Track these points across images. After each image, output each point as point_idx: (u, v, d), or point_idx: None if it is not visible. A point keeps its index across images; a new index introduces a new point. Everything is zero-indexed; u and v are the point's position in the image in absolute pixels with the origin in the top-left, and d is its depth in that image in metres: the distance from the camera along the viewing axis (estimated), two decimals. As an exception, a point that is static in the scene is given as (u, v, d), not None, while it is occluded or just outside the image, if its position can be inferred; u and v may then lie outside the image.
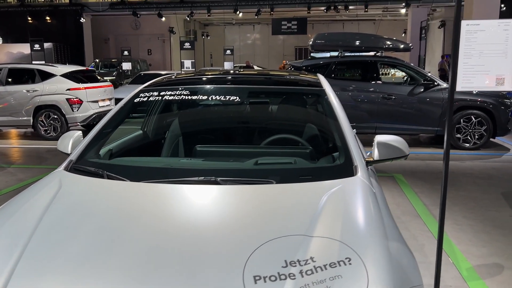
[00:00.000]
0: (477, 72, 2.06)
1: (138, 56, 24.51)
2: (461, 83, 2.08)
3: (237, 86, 2.79)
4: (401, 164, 6.45)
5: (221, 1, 21.26)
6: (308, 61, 8.21)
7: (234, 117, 2.97)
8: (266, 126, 2.86)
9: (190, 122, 2.98)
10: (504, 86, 2.06)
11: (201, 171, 2.05)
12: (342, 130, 2.35)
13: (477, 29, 2.01)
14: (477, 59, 2.05)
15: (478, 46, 2.05)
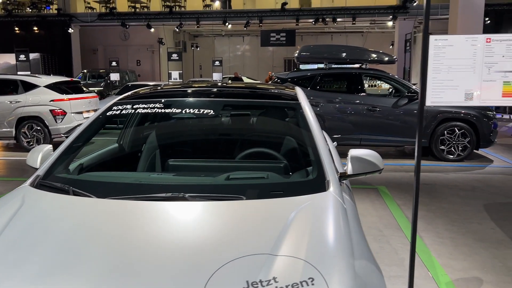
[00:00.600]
0: (446, 87, 2.05)
1: (127, 67, 24.46)
2: (430, 98, 2.07)
3: (212, 99, 2.76)
4: (386, 176, 6.46)
5: (210, 13, 21.36)
6: (294, 73, 8.24)
7: (209, 130, 2.93)
8: (241, 140, 2.83)
9: (164, 135, 2.93)
10: (473, 101, 2.06)
11: (170, 187, 2.01)
12: (315, 144, 2.32)
13: (445, 44, 2.01)
14: (446, 74, 2.05)
15: (446, 61, 2.05)
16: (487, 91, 2.04)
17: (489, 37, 2.03)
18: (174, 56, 16.92)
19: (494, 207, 4.94)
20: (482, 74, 2.04)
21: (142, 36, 24.18)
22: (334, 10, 20.69)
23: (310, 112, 2.62)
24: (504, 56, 2.03)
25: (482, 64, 2.03)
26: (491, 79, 2.06)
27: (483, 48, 2.03)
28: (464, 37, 2.02)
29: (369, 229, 4.29)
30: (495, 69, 2.05)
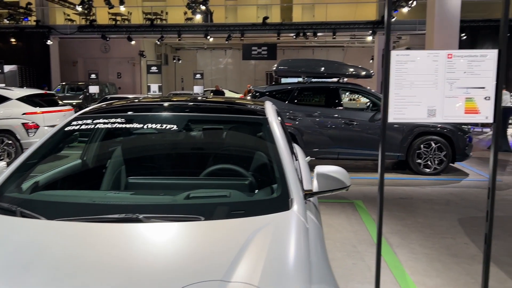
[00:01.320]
0: (408, 103, 2.02)
1: (107, 80, 24.20)
2: (393, 114, 2.03)
3: (176, 114, 2.68)
4: (363, 190, 6.44)
5: (192, 26, 21.37)
6: (272, 87, 8.22)
7: (172, 146, 2.84)
8: (206, 156, 2.74)
9: (126, 151, 2.82)
10: (435, 117, 2.02)
11: (124, 207, 1.91)
12: (281, 161, 2.26)
13: (407, 60, 1.98)
14: (408, 90, 2.02)
15: (409, 76, 2.02)
16: (449, 108, 2.01)
17: (450, 53, 2.01)
18: (153, 68, 16.81)
19: (468, 221, 4.94)
20: (444, 90, 2.01)
21: (123, 48, 24.02)
22: (314, 24, 20.94)
23: (278, 128, 2.56)
24: (465, 72, 2.01)
25: (444, 80, 2.01)
26: (453, 95, 2.03)
27: (445, 64, 2.00)
28: (426, 52, 1.99)
29: (343, 245, 4.23)
30: (457, 85, 2.03)
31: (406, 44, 23.47)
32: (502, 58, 1.94)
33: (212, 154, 2.77)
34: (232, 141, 2.88)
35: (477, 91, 1.99)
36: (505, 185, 6.72)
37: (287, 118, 7.69)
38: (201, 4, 17.46)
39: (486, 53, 2.00)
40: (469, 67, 2.02)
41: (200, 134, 2.85)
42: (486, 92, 2.01)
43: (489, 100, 2.00)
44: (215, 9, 23.25)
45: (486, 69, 2.01)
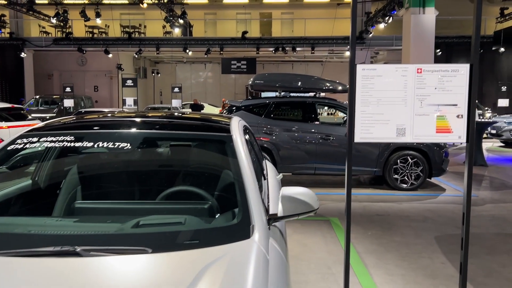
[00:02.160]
0: (376, 122, 1.88)
1: (84, 93, 23.76)
2: (359, 133, 1.89)
3: (133, 131, 2.48)
4: (339, 206, 6.30)
5: (170, 39, 21.22)
6: (248, 101, 8.08)
7: (126, 167, 2.62)
8: (163, 177, 2.53)
9: (75, 172, 2.60)
10: (405, 137, 1.89)
11: (61, 238, 1.69)
12: (243, 182, 2.09)
13: (374, 74, 1.84)
14: (375, 107, 1.88)
15: (376, 92, 1.88)
16: (420, 126, 1.88)
17: (420, 67, 1.88)
18: (128, 82, 16.51)
19: (445, 240, 4.84)
20: (414, 107, 1.88)
21: (100, 61, 23.66)
22: (293, 39, 21.06)
23: (242, 146, 2.39)
24: (436, 88, 1.89)
25: (414, 96, 1.87)
26: (423, 113, 1.90)
27: (414, 79, 1.87)
28: (394, 66, 1.87)
29: (317, 266, 4.05)
30: (428, 102, 1.89)
31: (384, 59, 23.81)
32: (474, 73, 1.82)
33: (170, 175, 2.56)
34: (192, 160, 2.69)
35: (449, 109, 1.87)
36: (481, 200, 6.69)
37: (263, 133, 7.54)
38: (179, 18, 17.34)
39: (457, 67, 1.88)
40: (440, 82, 1.90)
41: (158, 153, 2.64)
42: (459, 110, 1.89)
43: (461, 118, 1.88)
44: (195, 23, 23.19)
45: (458, 85, 1.88)
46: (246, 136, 3.03)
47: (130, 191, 2.45)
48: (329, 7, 23.60)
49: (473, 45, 1.88)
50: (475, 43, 1.88)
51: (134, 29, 21.60)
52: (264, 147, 7.50)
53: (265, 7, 25.90)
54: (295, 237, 4.87)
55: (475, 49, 1.87)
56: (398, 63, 9.44)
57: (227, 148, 2.40)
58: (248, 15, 25.62)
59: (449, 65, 1.90)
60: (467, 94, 1.89)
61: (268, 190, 2.70)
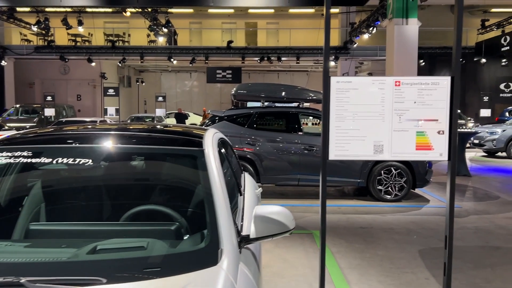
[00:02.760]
0: (352, 138, 1.77)
1: (66, 102, 23.39)
2: (334, 150, 1.77)
3: (99, 146, 2.32)
4: (322, 219, 6.18)
5: (155, 48, 21.06)
6: (230, 111, 7.96)
7: (90, 184, 2.45)
8: (128, 196, 2.37)
9: (31, 191, 2.42)
10: (383, 154, 1.78)
11: (6, 267, 1.53)
12: (213, 202, 1.95)
13: (349, 87, 1.73)
14: (351, 122, 1.77)
15: (351, 107, 1.77)
16: (399, 143, 1.78)
17: (398, 80, 1.78)
18: (110, 91, 16.25)
19: (429, 253, 4.75)
20: (392, 122, 1.78)
21: (84, 70, 23.34)
22: (278, 49, 21.09)
23: (215, 161, 2.25)
24: (416, 102, 1.78)
25: (392, 111, 1.77)
26: (402, 128, 1.79)
27: (392, 93, 1.77)
28: (371, 79, 1.76)
29: (298, 284, 3.91)
30: (407, 117, 1.79)
31: (368, 70, 23.99)
32: (455, 86, 1.72)
33: (136, 193, 2.40)
34: (160, 177, 2.53)
35: (429, 124, 1.76)
36: (465, 212, 6.64)
37: (246, 143, 7.42)
38: (163, 27, 17.20)
39: (438, 80, 1.78)
40: (420, 96, 1.79)
41: (124, 169, 2.48)
42: (439, 125, 1.78)
43: (442, 134, 1.77)
44: (180, 32, 23.08)
45: (438, 99, 1.78)
46: (222, 149, 2.89)
47: (92, 211, 2.28)
48: (314, 17, 23.75)
49: (454, 57, 1.78)
50: (456, 55, 1.79)
51: (118, 38, 21.38)
52: (247, 158, 7.37)
53: (251, 17, 25.95)
54: (276, 252, 4.72)
55: (456, 61, 1.77)
56: (382, 73, 9.63)
57: (198, 163, 2.26)
58: (233, 25, 25.62)
59: (429, 77, 1.79)
60: (448, 108, 1.79)
61: (243, 208, 2.56)
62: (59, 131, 2.59)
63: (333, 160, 6.56)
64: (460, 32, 1.83)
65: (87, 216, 2.19)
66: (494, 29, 19.76)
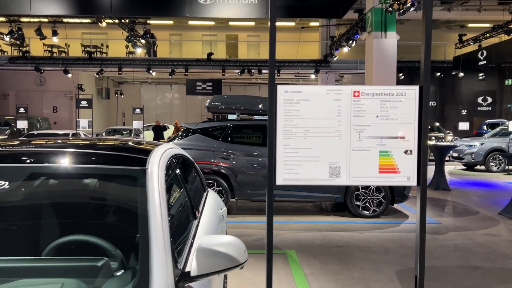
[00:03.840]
0: (303, 159, 1.50)
1: (42, 114, 22.78)
2: (282, 174, 1.50)
3: (21, 165, 2.01)
4: (297, 236, 5.91)
5: (133, 60, 20.70)
6: (204, 124, 7.67)
7: (12, 211, 2.12)
8: (55, 224, 2.04)
9: None
10: (340, 178, 1.52)
11: None
12: (148, 232, 1.66)
13: (299, 98, 1.47)
14: (301, 140, 1.50)
15: (302, 121, 1.50)
16: (358, 165, 1.51)
17: (357, 90, 1.52)
18: (83, 103, 15.79)
19: (407, 274, 4.50)
20: (350, 140, 1.51)
21: (60, 81, 22.79)
22: (259, 62, 20.96)
23: (158, 183, 1.96)
24: (378, 116, 1.52)
25: (350, 126, 1.50)
26: (362, 147, 1.52)
27: (351, 105, 1.51)
28: (324, 88, 1.50)
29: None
30: (368, 134, 1.52)
31: (349, 82, 24.05)
32: (425, 97, 1.47)
33: (64, 221, 2.08)
34: (95, 201, 2.22)
35: (395, 142, 1.50)
36: (444, 228, 6.45)
37: (220, 157, 7.13)
38: (141, 38, 16.90)
39: (404, 90, 1.53)
40: (383, 109, 1.53)
41: (52, 193, 2.16)
42: (407, 144, 1.52)
43: (410, 154, 1.52)
44: (160, 44, 22.79)
45: (405, 112, 1.52)
46: (177, 168, 2.60)
47: (9, 243, 1.95)
48: (294, 30, 23.79)
49: (423, 65, 1.53)
50: (426, 62, 1.54)
51: (96, 49, 20.96)
52: (221, 173, 7.08)
53: (231, 29, 25.86)
54: (245, 275, 4.41)
55: (426, 68, 1.52)
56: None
57: (138, 185, 1.97)
58: (214, 37, 25.48)
59: (394, 87, 1.53)
60: (417, 123, 1.53)
61: (194, 235, 2.27)
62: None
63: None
64: (430, 34, 1.60)
65: (2, 250, 1.86)
66: (471, 43, 20.04)
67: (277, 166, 1.53)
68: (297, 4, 11.27)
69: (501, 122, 17.77)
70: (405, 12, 11.88)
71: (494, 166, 13.30)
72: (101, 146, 2.57)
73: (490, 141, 13.80)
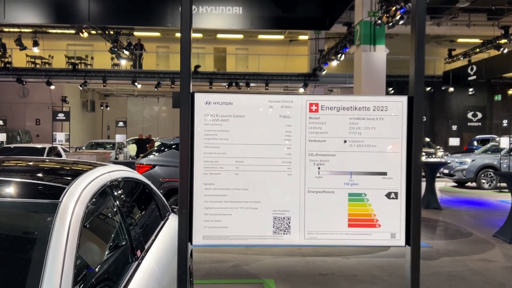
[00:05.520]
0: (233, 205, 1.03)
1: (24, 126, 22.13)
2: (200, 228, 1.03)
3: None
4: (278, 262, 5.43)
5: (118, 72, 20.24)
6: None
7: None
8: None
9: None
10: (290, 235, 1.05)
11: None
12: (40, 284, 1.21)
13: (229, 113, 0.98)
14: (232, 176, 1.02)
15: (232, 149, 1.02)
16: (318, 215, 1.03)
17: (314, 101, 1.03)
18: (60, 115, 15.22)
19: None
20: (305, 177, 1.02)
21: (44, 93, 22.18)
22: (247, 75, 20.64)
23: (70, 222, 1.51)
24: (347, 142, 1.04)
25: (305, 156, 1.02)
26: (324, 188, 1.03)
27: (306, 124, 1.02)
28: (266, 99, 1.03)
29: None
30: (332, 168, 1.02)
31: (338, 97, 23.83)
32: (416, 112, 1.00)
33: None
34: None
35: (372, 181, 1.01)
36: (436, 253, 6.01)
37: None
38: (125, 49, 16.48)
39: (385, 102, 1.05)
40: (354, 130, 1.04)
41: None
42: (390, 183, 1.03)
43: (396, 199, 1.04)
44: (147, 56, 22.40)
45: (387, 135, 1.03)
46: (115, 200, 2.12)
47: None
48: (282, 44, 23.58)
49: (414, 67, 1.09)
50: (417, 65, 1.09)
51: (80, 60, 20.47)
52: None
53: (220, 42, 25.58)
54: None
55: (418, 73, 1.07)
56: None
57: (42, 224, 1.51)
58: (202, 49, 25.15)
59: (370, 97, 1.05)
60: (405, 151, 1.05)
61: (128, 281, 1.80)
62: None
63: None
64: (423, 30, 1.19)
65: None
66: (461, 58, 19.93)
67: (193, 217, 1.04)
68: (283, 16, 10.96)
69: (491, 138, 17.54)
70: (394, 25, 11.61)
71: (485, 183, 12.97)
72: (19, 171, 2.10)
73: (481, 157, 13.49)
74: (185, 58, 1.10)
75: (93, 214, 1.88)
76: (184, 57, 1.10)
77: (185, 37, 1.07)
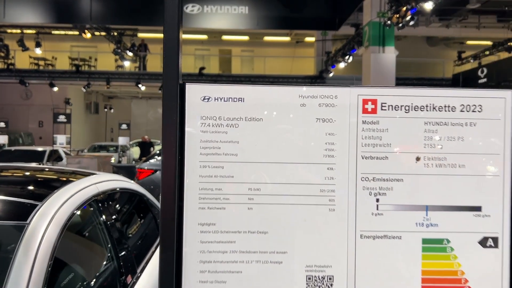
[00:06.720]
0: (244, 257, 0.69)
1: (27, 129, 21.96)
2: (194, 273, 0.72)
3: None
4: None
5: (122, 73, 20.01)
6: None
7: None
8: None
9: None
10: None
11: None
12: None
13: (237, 115, 0.66)
14: (242, 210, 0.68)
15: (243, 168, 0.68)
16: (375, 272, 0.70)
17: (370, 96, 0.69)
18: (61, 117, 14.97)
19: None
20: (355, 214, 0.67)
21: (47, 95, 21.99)
22: (253, 77, 20.34)
23: (38, 249, 1.21)
24: (420, 159, 0.69)
25: (356, 181, 0.68)
26: (385, 230, 0.68)
27: (357, 131, 0.69)
28: (296, 92, 0.69)
29: None
30: (397, 200, 0.68)
31: (345, 100, 23.51)
32: None
33: None
34: None
35: (460, 219, 0.66)
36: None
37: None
38: (128, 50, 16.24)
39: (480, 99, 0.70)
40: (432, 142, 0.69)
41: None
42: (487, 224, 0.69)
43: (495, 248, 0.69)
44: (152, 57, 22.19)
45: (482, 150, 0.64)
46: (101, 215, 1.80)
47: None
48: (289, 45, 23.29)
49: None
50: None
51: (84, 62, 20.26)
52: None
53: (225, 44, 25.32)
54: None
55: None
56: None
57: (7, 252, 1.23)
58: (207, 51, 24.91)
59: (459, 91, 0.73)
60: (509, 175, 0.70)
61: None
62: None
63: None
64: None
65: None
66: (471, 61, 19.54)
67: (183, 276, 0.69)
68: (291, 16, 10.67)
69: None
70: (404, 26, 11.27)
71: None
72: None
73: None
74: (171, 16, 0.76)
75: (72, 238, 1.57)
76: (171, 15, 0.76)
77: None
